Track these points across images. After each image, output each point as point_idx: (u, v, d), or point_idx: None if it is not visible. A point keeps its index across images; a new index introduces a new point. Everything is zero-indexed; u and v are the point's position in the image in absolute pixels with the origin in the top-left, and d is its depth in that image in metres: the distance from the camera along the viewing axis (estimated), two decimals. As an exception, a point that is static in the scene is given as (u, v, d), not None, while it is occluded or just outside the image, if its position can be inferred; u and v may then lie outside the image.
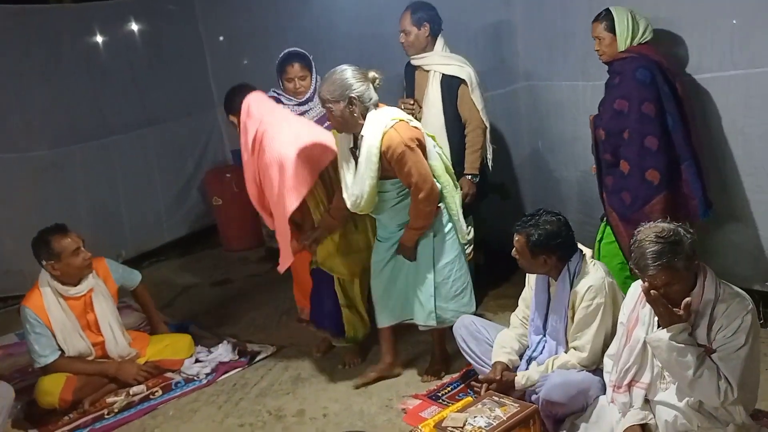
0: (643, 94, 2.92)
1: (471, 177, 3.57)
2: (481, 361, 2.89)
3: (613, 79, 3.04)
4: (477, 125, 3.56)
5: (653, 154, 2.93)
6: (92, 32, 5.15)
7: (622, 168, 3.01)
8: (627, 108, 2.95)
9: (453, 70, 3.56)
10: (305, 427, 2.94)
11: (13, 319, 4.15)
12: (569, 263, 2.63)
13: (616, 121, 2.99)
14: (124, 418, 3.15)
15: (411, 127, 2.88)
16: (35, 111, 4.79)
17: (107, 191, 5.28)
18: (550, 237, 2.58)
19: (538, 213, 2.66)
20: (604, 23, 3.03)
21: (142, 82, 5.40)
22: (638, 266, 2.15)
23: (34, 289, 3.25)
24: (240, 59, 5.73)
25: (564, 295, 2.64)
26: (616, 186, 3.05)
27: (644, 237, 2.15)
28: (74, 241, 3.23)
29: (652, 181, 2.94)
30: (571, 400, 2.51)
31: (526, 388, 2.67)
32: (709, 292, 2.17)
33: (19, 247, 4.62)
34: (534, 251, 2.61)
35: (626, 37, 2.98)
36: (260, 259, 5.39)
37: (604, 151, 3.07)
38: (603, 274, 2.61)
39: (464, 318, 3.03)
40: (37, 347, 3.20)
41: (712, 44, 3.04)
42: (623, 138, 2.98)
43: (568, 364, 2.61)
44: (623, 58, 2.99)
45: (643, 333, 2.29)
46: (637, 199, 2.96)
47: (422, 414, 2.91)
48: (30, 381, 3.39)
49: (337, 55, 4.80)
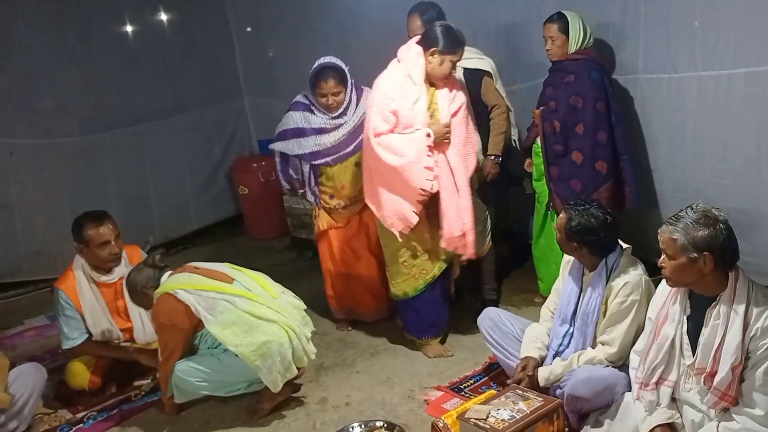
0: (597, 93, 3.26)
1: (494, 157, 3.59)
2: (508, 353, 2.89)
3: (563, 77, 3.33)
4: (503, 110, 3.61)
5: (603, 147, 3.29)
6: (123, 19, 5.22)
7: (574, 158, 3.32)
8: (581, 104, 3.27)
9: (474, 63, 3.59)
10: (327, 415, 2.97)
11: (44, 301, 4.24)
12: (607, 258, 2.62)
13: (570, 116, 3.29)
14: (151, 401, 3.20)
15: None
16: (67, 96, 4.87)
17: (136, 178, 5.36)
18: (586, 231, 2.58)
19: (592, 203, 2.67)
20: (557, 24, 3.30)
21: (171, 70, 5.46)
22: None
23: (67, 272, 3.30)
24: (267, 48, 5.76)
25: (599, 289, 2.62)
26: (564, 175, 3.35)
27: (691, 206, 2.16)
28: (105, 234, 3.20)
29: (600, 171, 3.30)
30: (597, 395, 2.49)
31: (550, 384, 2.66)
32: (741, 295, 2.11)
33: (49, 230, 4.74)
34: (569, 235, 2.62)
35: (578, 39, 3.30)
36: (285, 249, 5.43)
37: (556, 143, 3.33)
38: (640, 271, 2.60)
39: (489, 310, 3.03)
40: (66, 329, 3.25)
41: (645, 50, 3.40)
42: (575, 131, 3.29)
43: (595, 359, 2.59)
44: (576, 59, 3.31)
45: (671, 330, 2.26)
46: (588, 187, 3.30)
47: (444, 405, 2.92)
48: (60, 362, 3.46)
49: (363, 45, 4.83)
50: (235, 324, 2.82)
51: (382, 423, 2.75)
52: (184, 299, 2.82)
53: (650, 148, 3.54)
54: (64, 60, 4.83)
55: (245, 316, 2.86)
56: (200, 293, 2.86)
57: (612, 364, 2.58)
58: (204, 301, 2.84)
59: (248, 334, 2.83)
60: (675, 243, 2.10)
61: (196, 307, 2.82)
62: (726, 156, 3.23)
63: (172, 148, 5.57)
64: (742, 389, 2.11)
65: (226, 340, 2.81)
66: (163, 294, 2.86)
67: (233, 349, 2.81)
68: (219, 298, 2.86)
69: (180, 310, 2.83)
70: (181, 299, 2.82)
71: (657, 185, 3.59)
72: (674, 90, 3.33)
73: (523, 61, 3.99)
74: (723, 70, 3.11)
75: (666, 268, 2.18)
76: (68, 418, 3.08)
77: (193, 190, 5.75)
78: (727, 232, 2.09)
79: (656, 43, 3.35)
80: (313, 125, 3.51)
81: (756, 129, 3.08)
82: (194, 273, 2.95)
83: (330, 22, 5.03)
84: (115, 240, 3.24)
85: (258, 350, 2.82)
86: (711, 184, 3.30)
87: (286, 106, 3.51)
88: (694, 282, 2.15)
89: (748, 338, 2.09)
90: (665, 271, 2.19)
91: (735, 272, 2.14)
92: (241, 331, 2.82)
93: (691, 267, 2.10)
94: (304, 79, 3.58)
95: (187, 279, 2.91)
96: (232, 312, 2.85)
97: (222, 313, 2.83)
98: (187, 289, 2.85)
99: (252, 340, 2.82)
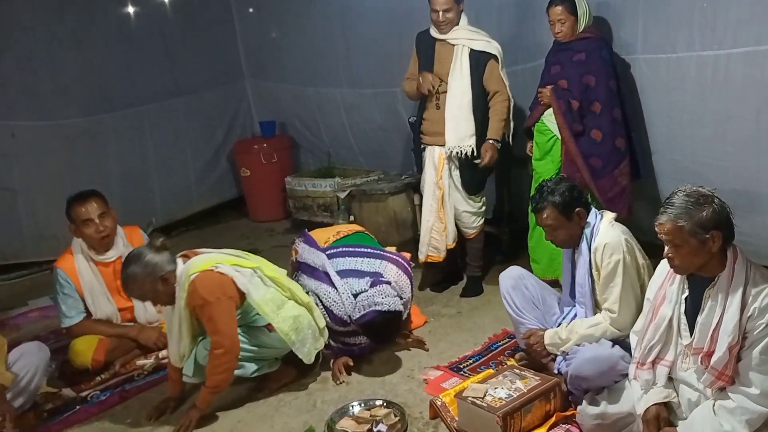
0: (608, 71, 3.32)
1: (493, 141, 3.58)
2: (521, 312, 2.89)
3: (572, 56, 3.36)
4: (505, 97, 3.58)
5: (619, 124, 3.37)
6: (123, 1, 5.20)
7: (593, 136, 3.36)
8: (594, 83, 3.32)
9: (482, 45, 3.56)
10: (328, 394, 3.00)
11: (48, 282, 4.25)
12: (587, 224, 2.65)
13: (585, 95, 3.34)
14: (154, 380, 3.23)
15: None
16: (68, 77, 4.87)
17: (138, 160, 5.37)
18: (570, 190, 2.62)
19: (543, 185, 2.70)
20: (564, 5, 3.32)
21: (172, 52, 5.45)
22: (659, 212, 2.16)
23: (67, 252, 3.32)
24: (269, 30, 5.74)
25: (585, 256, 2.64)
26: (583, 153, 3.37)
27: (679, 190, 2.14)
28: (87, 212, 3.18)
29: (620, 148, 3.37)
30: (602, 375, 2.49)
31: (553, 350, 2.69)
32: (739, 275, 2.11)
33: (52, 212, 4.74)
34: (567, 213, 2.62)
35: (586, 18, 3.34)
36: (286, 231, 5.45)
37: (573, 120, 3.36)
38: (619, 232, 2.62)
39: (513, 269, 3.01)
40: (63, 308, 3.28)
41: (644, 30, 3.37)
42: (591, 110, 3.35)
43: (600, 325, 2.59)
44: (586, 38, 3.35)
45: (669, 311, 2.27)
46: (608, 163, 3.36)
47: (443, 385, 2.94)
48: (64, 342, 3.48)
49: (366, 27, 4.81)
50: (271, 300, 2.83)
51: (382, 401, 2.78)
52: (228, 272, 2.75)
53: (649, 129, 3.53)
54: (65, 42, 4.82)
55: (276, 293, 2.87)
56: (236, 268, 2.81)
57: (620, 332, 2.57)
58: (243, 276, 2.80)
59: (281, 309, 2.85)
60: (682, 230, 2.07)
61: (241, 281, 2.76)
62: (725, 137, 3.21)
63: (173, 130, 5.58)
64: (739, 368, 2.11)
65: (269, 316, 2.81)
66: (201, 273, 2.71)
67: (276, 323, 2.81)
68: (252, 274, 2.84)
69: (227, 281, 2.75)
70: (225, 272, 2.75)
71: (657, 167, 3.57)
72: (673, 70, 3.29)
73: (523, 42, 3.96)
74: (722, 50, 3.07)
75: (673, 257, 2.14)
76: (72, 396, 3.12)
77: (195, 172, 5.76)
78: (724, 205, 2.10)
79: (655, 23, 3.31)
80: None
81: (755, 110, 3.05)
82: (211, 253, 2.88)
83: (331, 4, 5.00)
84: (99, 218, 3.22)
85: (293, 324, 2.85)
86: (710, 166, 3.28)
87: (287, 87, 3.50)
88: (703, 264, 2.13)
89: (745, 318, 2.08)
90: (673, 261, 2.16)
91: (733, 252, 2.14)
92: (275, 306, 2.83)
93: (702, 249, 2.08)
94: (305, 62, 3.58)
95: (213, 257, 2.82)
96: (267, 287, 2.85)
97: (258, 287, 2.82)
98: (225, 264, 2.78)
99: (286, 314, 2.85)
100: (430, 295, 3.91)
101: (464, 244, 3.92)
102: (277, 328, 2.83)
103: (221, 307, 2.69)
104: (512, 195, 4.34)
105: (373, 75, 4.92)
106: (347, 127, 5.32)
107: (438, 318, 3.64)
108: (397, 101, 4.75)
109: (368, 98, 5.04)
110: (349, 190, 4.70)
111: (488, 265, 4.07)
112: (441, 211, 3.77)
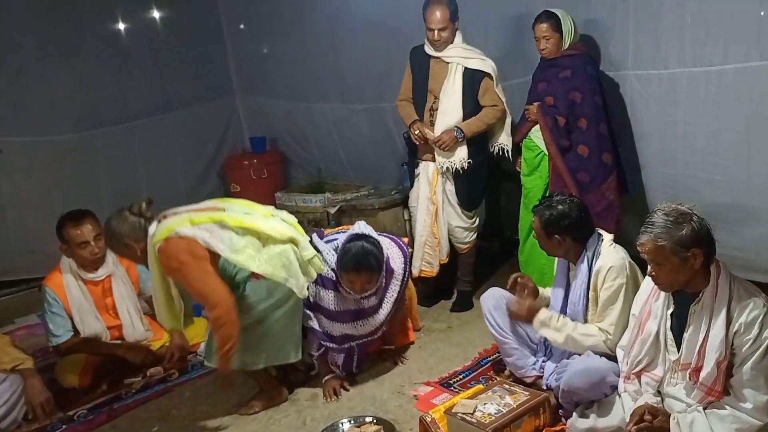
0: (594, 86, 3.34)
1: (457, 131, 3.57)
2: (504, 332, 2.90)
3: (558, 73, 3.38)
4: (500, 108, 3.62)
5: (606, 139, 3.38)
6: (114, 17, 5.19)
7: (580, 152, 3.38)
8: (580, 99, 3.33)
9: (476, 64, 3.58)
10: (318, 411, 2.98)
11: (36, 300, 4.22)
12: (587, 246, 2.64)
13: (571, 111, 3.35)
14: (142, 398, 3.21)
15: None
16: (58, 93, 4.85)
17: (129, 175, 5.33)
18: (561, 217, 2.62)
19: (553, 195, 2.75)
20: (549, 23, 3.33)
21: (162, 67, 5.44)
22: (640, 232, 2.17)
23: (55, 270, 3.31)
24: (259, 46, 5.75)
25: (584, 277, 2.64)
26: (570, 168, 3.38)
27: (659, 209, 2.16)
28: (83, 234, 3.18)
29: (607, 163, 3.38)
30: (593, 386, 2.50)
31: (536, 326, 2.70)
32: (723, 290, 2.12)
33: (42, 229, 4.69)
34: (548, 231, 2.65)
35: (571, 35, 3.36)
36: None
37: (560, 136, 3.37)
38: (623, 255, 2.62)
39: (494, 290, 3.02)
40: (51, 326, 3.25)
41: (634, 46, 3.42)
42: (577, 126, 3.36)
43: (592, 338, 2.59)
44: (572, 55, 3.37)
45: (655, 326, 2.28)
46: (596, 178, 3.37)
47: (433, 401, 2.93)
48: (51, 360, 3.46)
49: (356, 42, 4.83)
50: (246, 246, 2.73)
51: (372, 418, 2.77)
52: (190, 234, 2.66)
53: (640, 144, 3.56)
54: (55, 58, 4.81)
55: (251, 238, 2.76)
56: (200, 227, 2.70)
57: (609, 351, 2.57)
58: (208, 233, 2.69)
59: (261, 251, 2.76)
60: (663, 249, 2.09)
61: (204, 238, 2.66)
62: (717, 151, 3.24)
63: (164, 146, 5.56)
64: (732, 385, 2.13)
65: (246, 264, 2.73)
66: (165, 240, 2.65)
67: (256, 269, 2.73)
68: (220, 228, 2.74)
69: (191, 242, 2.65)
70: (185, 234, 2.66)
71: (647, 181, 3.60)
72: (665, 86, 3.34)
73: (511, 59, 3.99)
74: (713, 66, 3.12)
75: (656, 275, 2.17)
76: (59, 416, 3.08)
77: (185, 187, 5.73)
78: (703, 222, 2.12)
79: (646, 40, 3.35)
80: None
81: (746, 124, 3.10)
82: (181, 213, 2.79)
83: (321, 20, 5.03)
84: (95, 240, 3.22)
85: (278, 261, 2.76)
86: (701, 179, 3.32)
87: (277, 103, 3.50)
88: (687, 281, 2.15)
89: (731, 334, 2.10)
90: (657, 278, 2.18)
91: (716, 267, 2.15)
92: (254, 251, 2.74)
93: (684, 266, 2.11)
94: (295, 77, 3.58)
95: (179, 219, 2.74)
96: (239, 237, 2.74)
97: (230, 240, 2.72)
98: (185, 226, 2.69)
99: (269, 254, 2.76)
100: (420, 310, 3.90)
101: (455, 259, 3.92)
102: (261, 273, 2.73)
103: (194, 269, 2.63)
104: (502, 209, 4.35)
105: (363, 90, 4.94)
106: (337, 142, 5.33)
107: (428, 333, 3.64)
108: (387, 116, 4.77)
109: (358, 113, 5.06)
110: (339, 205, 4.71)
111: (479, 280, 4.07)
112: (434, 225, 3.78)
